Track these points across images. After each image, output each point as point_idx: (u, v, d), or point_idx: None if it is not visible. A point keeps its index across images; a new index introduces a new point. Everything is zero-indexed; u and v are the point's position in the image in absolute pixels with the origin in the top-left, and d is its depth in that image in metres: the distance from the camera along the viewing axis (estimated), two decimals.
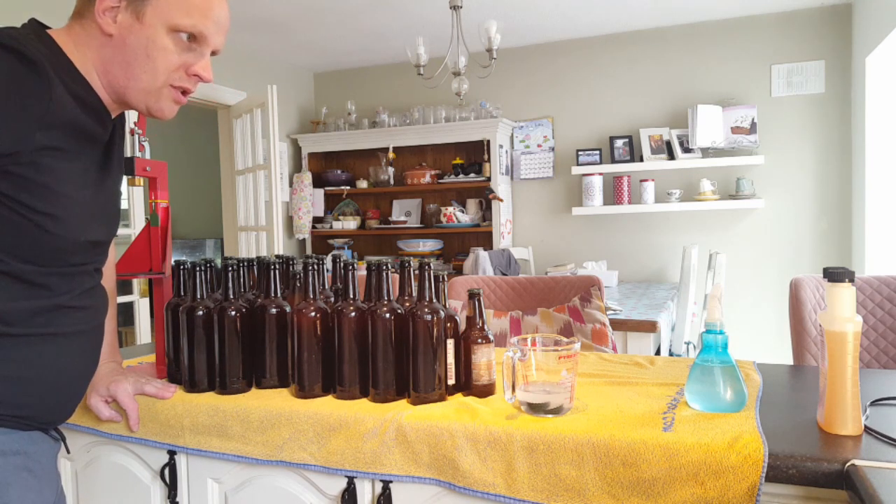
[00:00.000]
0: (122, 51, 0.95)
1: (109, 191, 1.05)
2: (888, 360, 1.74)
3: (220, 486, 1.26)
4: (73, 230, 0.94)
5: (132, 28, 0.94)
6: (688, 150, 4.08)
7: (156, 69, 0.97)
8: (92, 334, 1.05)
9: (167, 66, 0.98)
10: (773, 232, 4.06)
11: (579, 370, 1.38)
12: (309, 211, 4.72)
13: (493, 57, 3.12)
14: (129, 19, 0.94)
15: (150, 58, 0.96)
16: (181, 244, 5.87)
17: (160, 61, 0.97)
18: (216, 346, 1.28)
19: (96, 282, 1.06)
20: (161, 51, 0.96)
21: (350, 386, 1.21)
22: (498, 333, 2.04)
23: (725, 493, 0.90)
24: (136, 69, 0.96)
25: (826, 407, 0.97)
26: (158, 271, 1.41)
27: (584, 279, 2.09)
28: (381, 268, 1.21)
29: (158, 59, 0.97)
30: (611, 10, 3.89)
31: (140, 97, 0.99)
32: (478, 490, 1.04)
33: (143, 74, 0.97)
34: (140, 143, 1.39)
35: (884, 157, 3.47)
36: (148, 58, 0.96)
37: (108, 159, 1.04)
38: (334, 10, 3.73)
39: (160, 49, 0.96)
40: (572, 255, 4.49)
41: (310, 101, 5.17)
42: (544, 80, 4.53)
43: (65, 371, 0.99)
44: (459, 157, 4.67)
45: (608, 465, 0.97)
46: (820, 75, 3.91)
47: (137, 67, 0.96)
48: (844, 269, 0.95)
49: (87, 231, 0.97)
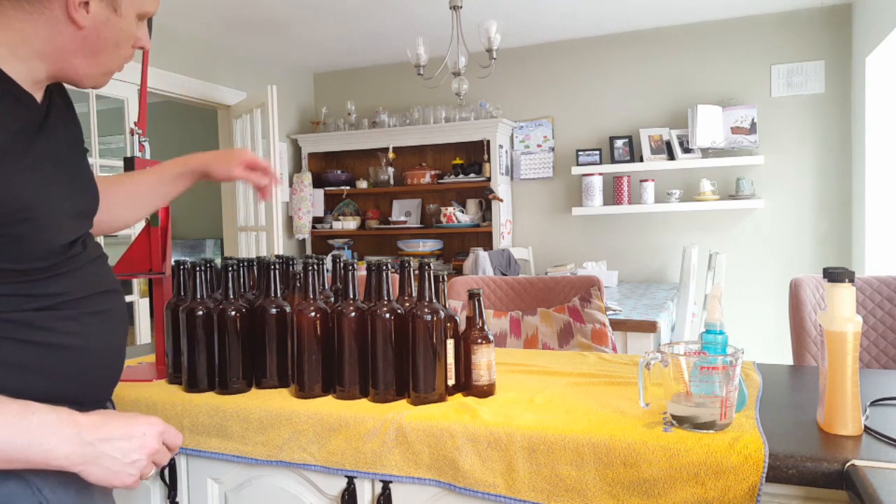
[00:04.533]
0: (91, 42, 0.91)
1: (68, 163, 0.96)
2: (888, 360, 1.74)
3: (220, 486, 1.26)
4: (51, 225, 0.88)
5: (109, 20, 0.91)
6: (688, 150, 4.08)
7: (119, 55, 0.95)
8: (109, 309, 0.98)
9: (130, 50, 0.96)
10: (773, 232, 4.06)
11: (579, 370, 1.38)
12: (309, 211, 4.72)
13: (493, 57, 3.11)
14: (104, 12, 0.90)
15: (119, 46, 0.94)
16: (181, 244, 5.87)
17: (125, 48, 0.95)
18: (216, 346, 1.28)
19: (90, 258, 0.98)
20: (129, 38, 0.95)
21: (350, 386, 1.21)
22: (498, 333, 2.03)
23: (726, 493, 0.90)
24: (102, 57, 0.93)
25: (826, 407, 0.97)
26: (158, 271, 1.41)
27: (584, 279, 2.09)
28: (381, 268, 1.21)
29: (125, 46, 0.95)
30: (611, 10, 3.89)
31: (94, 80, 0.96)
32: (478, 490, 1.04)
33: (108, 62, 0.94)
34: (140, 143, 1.39)
35: (884, 157, 3.47)
36: (117, 46, 0.94)
37: (50, 134, 0.94)
38: (334, 10, 3.73)
39: (129, 37, 0.95)
40: (572, 256, 4.49)
41: (310, 101, 5.17)
42: (544, 80, 4.53)
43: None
44: (459, 158, 4.67)
45: (608, 465, 0.97)
46: (820, 75, 3.91)
47: (105, 56, 0.93)
48: (844, 270, 0.95)
49: (63, 216, 0.91)
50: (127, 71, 1.79)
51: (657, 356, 1.01)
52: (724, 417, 0.97)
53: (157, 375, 1.42)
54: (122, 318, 1.00)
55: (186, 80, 3.91)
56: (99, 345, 0.93)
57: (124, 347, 1.02)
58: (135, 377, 1.41)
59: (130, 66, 1.10)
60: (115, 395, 1.28)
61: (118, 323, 0.98)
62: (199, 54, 4.06)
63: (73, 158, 0.98)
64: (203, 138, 5.91)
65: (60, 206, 0.90)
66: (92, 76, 0.95)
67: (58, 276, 0.89)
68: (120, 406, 1.28)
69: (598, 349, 1.89)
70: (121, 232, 1.37)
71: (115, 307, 0.98)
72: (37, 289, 0.86)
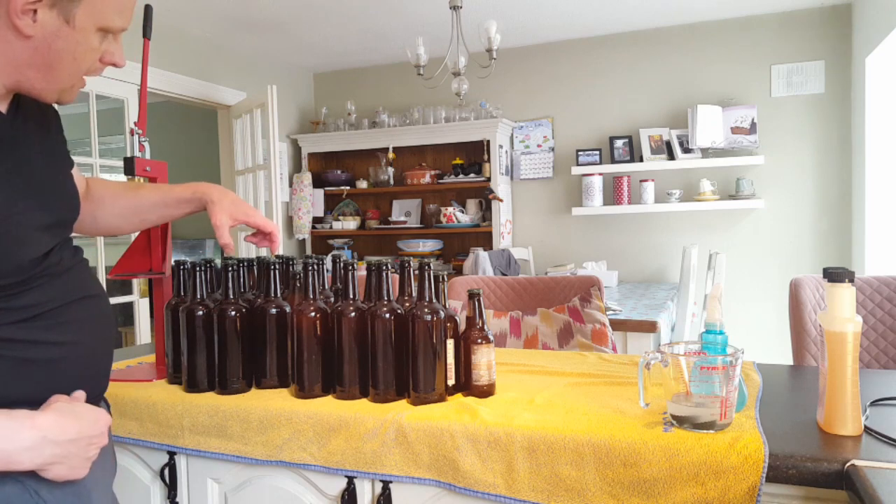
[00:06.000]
0: (43, 54, 0.86)
1: (39, 175, 0.93)
2: (888, 360, 1.74)
3: (220, 487, 1.26)
4: (20, 239, 0.85)
5: (60, 32, 0.85)
6: (688, 150, 4.08)
7: (79, 69, 0.90)
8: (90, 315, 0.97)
9: (91, 63, 0.91)
10: (773, 232, 4.06)
11: (579, 370, 1.38)
12: (309, 211, 4.72)
13: (493, 57, 3.11)
14: (55, 22, 0.85)
15: (77, 60, 0.89)
16: (181, 244, 5.87)
17: (85, 61, 0.90)
18: (216, 346, 1.28)
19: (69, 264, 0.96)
20: (89, 51, 0.89)
21: (350, 386, 1.21)
22: (498, 333, 2.03)
23: (726, 493, 0.90)
24: (58, 72, 0.88)
25: (826, 407, 0.97)
26: (158, 271, 1.41)
27: (583, 279, 2.09)
28: (381, 268, 1.21)
29: (85, 60, 0.90)
30: (611, 10, 3.89)
31: (54, 95, 0.92)
32: (478, 490, 1.04)
33: (65, 76, 0.89)
34: (140, 143, 1.39)
35: (884, 157, 3.47)
36: (74, 60, 0.88)
37: (18, 145, 0.92)
38: (334, 10, 3.73)
39: (88, 50, 0.89)
40: (572, 256, 4.49)
41: (310, 101, 5.17)
42: (544, 80, 4.53)
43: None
44: (459, 158, 4.67)
45: (608, 465, 0.97)
46: (820, 75, 3.91)
47: (61, 70, 0.88)
48: (844, 270, 0.95)
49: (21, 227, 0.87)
50: (127, 71, 1.81)
51: (657, 356, 1.01)
52: (724, 417, 0.97)
53: (157, 375, 1.42)
54: (106, 322, 0.99)
55: (186, 80, 3.91)
56: (81, 352, 0.93)
57: (111, 350, 1.01)
58: (135, 377, 1.41)
59: (130, 65, 1.09)
60: (115, 394, 1.28)
61: (102, 327, 0.98)
62: (199, 54, 4.06)
63: (47, 169, 0.94)
64: (203, 138, 5.91)
65: (31, 219, 0.88)
66: (49, 90, 0.90)
67: (34, 288, 0.87)
68: (120, 405, 1.28)
69: (598, 349, 1.89)
70: None
71: (98, 312, 0.97)
72: (13, 302, 0.85)
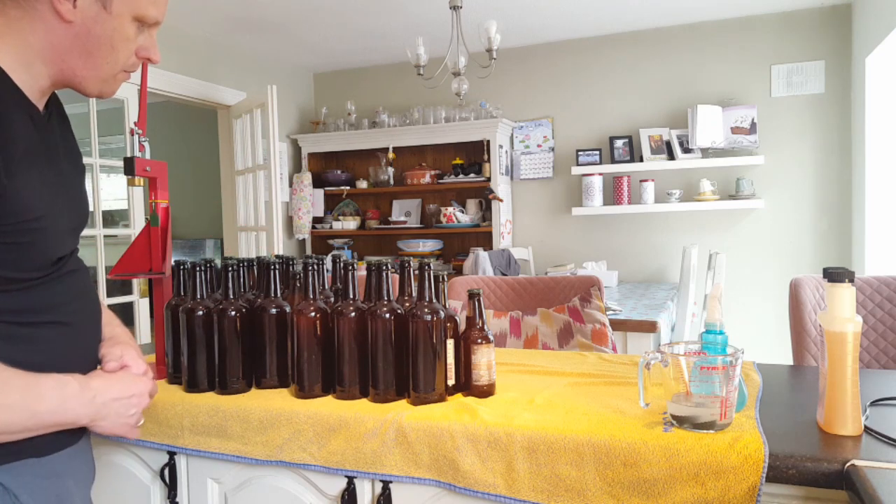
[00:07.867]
0: (83, 40, 0.89)
1: (68, 179, 0.98)
2: (888, 360, 1.74)
3: (220, 487, 1.26)
4: (55, 237, 0.91)
5: (98, 17, 0.89)
6: (688, 150, 4.08)
7: (117, 59, 0.93)
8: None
9: (128, 54, 0.94)
10: (773, 232, 4.06)
11: (579, 370, 1.38)
12: (309, 211, 4.72)
13: (493, 57, 3.11)
14: (94, 7, 0.88)
15: (115, 48, 0.92)
16: (181, 244, 5.87)
17: (123, 51, 0.93)
18: (216, 346, 1.28)
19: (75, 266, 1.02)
20: (125, 41, 0.92)
21: (350, 386, 1.21)
22: (498, 333, 2.03)
23: (726, 493, 0.90)
24: (97, 59, 0.91)
25: (826, 407, 0.97)
26: (158, 271, 1.41)
27: (583, 279, 2.09)
28: (380, 268, 1.21)
29: (122, 49, 0.93)
30: (611, 11, 3.89)
31: (96, 85, 0.95)
32: (478, 490, 1.04)
33: (104, 64, 0.92)
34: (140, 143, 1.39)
35: (884, 157, 3.47)
36: (112, 48, 0.92)
37: (54, 148, 0.96)
38: (334, 10, 3.73)
39: (124, 39, 0.92)
40: (572, 256, 4.49)
41: (310, 101, 5.17)
42: (544, 80, 4.53)
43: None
44: (459, 158, 4.66)
45: (608, 465, 0.97)
46: (820, 75, 3.91)
47: (100, 57, 0.91)
48: (844, 270, 0.95)
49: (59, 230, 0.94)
50: None
51: (657, 356, 1.01)
52: (724, 417, 0.97)
53: (157, 375, 1.41)
54: (97, 320, 1.07)
55: (186, 80, 3.91)
56: (81, 344, 1.00)
57: (98, 341, 1.07)
58: None
59: None
60: None
61: (96, 324, 1.05)
62: (199, 54, 4.06)
63: (71, 174, 1.00)
64: (203, 138, 5.91)
65: (63, 219, 0.93)
66: (92, 79, 0.94)
67: (45, 285, 0.92)
68: None
69: (598, 349, 1.89)
70: (121, 232, 1.37)
71: (92, 312, 1.04)
72: (25, 297, 0.90)
